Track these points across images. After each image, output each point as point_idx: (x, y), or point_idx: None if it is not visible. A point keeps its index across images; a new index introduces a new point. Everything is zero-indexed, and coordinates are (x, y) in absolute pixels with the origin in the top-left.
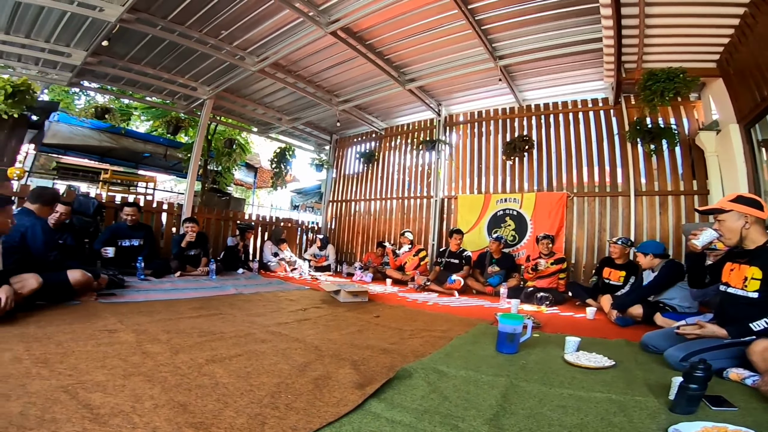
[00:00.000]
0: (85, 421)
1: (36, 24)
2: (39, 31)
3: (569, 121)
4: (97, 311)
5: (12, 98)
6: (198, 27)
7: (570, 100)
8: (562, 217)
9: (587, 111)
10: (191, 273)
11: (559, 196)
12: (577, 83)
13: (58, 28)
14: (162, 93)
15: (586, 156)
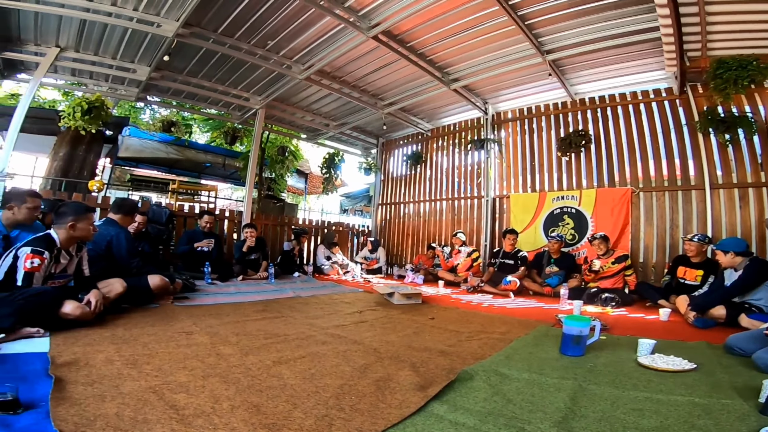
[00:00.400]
0: (173, 422)
1: (102, 41)
2: (105, 48)
3: (629, 113)
4: (174, 314)
5: (88, 114)
6: (246, 38)
7: (628, 91)
8: (626, 213)
9: (649, 102)
10: (252, 277)
11: (622, 191)
12: (634, 74)
13: (122, 44)
14: (218, 105)
15: (652, 149)
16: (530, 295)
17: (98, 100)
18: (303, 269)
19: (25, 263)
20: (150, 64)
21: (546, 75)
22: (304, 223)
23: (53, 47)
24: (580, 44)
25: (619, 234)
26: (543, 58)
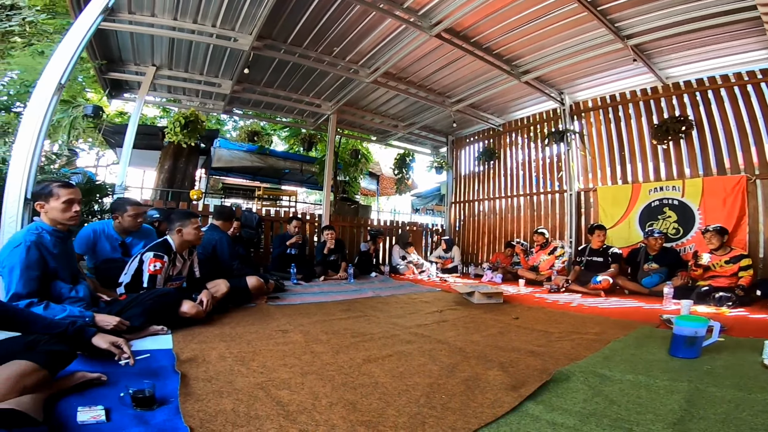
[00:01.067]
0: (280, 418)
1: (189, 58)
2: (193, 64)
3: (735, 95)
4: (269, 313)
5: (186, 129)
6: (314, 47)
7: (731, 72)
8: (742, 203)
9: (757, 82)
10: (333, 277)
11: (735, 179)
12: (736, 54)
13: (207, 60)
14: (293, 112)
15: (767, 132)
16: (625, 294)
17: (192, 114)
18: (379, 269)
19: (149, 266)
20: (232, 77)
21: (630, 61)
22: (379, 224)
23: (150, 66)
24: (666, 27)
25: (734, 227)
26: (624, 44)
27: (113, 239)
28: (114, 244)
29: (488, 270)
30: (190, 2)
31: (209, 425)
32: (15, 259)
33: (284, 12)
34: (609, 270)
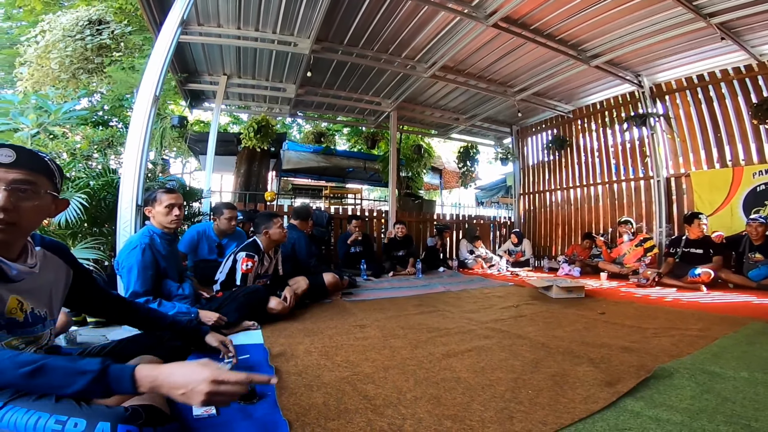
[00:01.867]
0: (368, 411)
1: (255, 65)
2: (259, 71)
3: None
4: (345, 308)
5: (259, 133)
6: (369, 46)
7: None
8: None
9: None
10: (401, 273)
11: None
12: None
13: (271, 66)
14: (354, 112)
15: None
16: (730, 288)
17: (263, 119)
18: (447, 264)
19: (242, 266)
20: (295, 81)
21: (717, 39)
22: (444, 218)
23: (222, 75)
24: (752, 3)
25: None
26: (706, 22)
27: (212, 240)
28: (212, 245)
29: (564, 263)
30: (251, 11)
31: (304, 418)
32: (132, 260)
33: (338, 14)
34: (709, 263)
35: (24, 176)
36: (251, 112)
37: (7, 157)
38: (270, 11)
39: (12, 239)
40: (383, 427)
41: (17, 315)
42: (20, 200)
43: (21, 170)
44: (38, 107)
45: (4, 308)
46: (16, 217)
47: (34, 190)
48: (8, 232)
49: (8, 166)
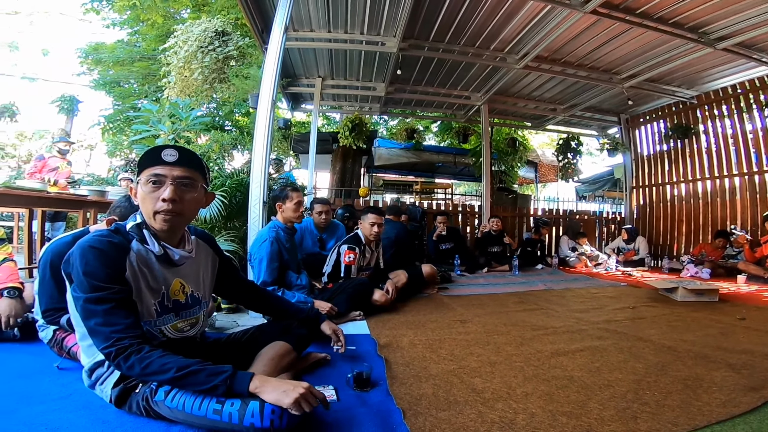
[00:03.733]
0: (478, 404)
1: (347, 67)
2: (351, 72)
3: None
4: (443, 303)
5: (354, 132)
6: (455, 41)
7: None
8: None
9: None
10: (496, 269)
11: None
12: None
13: (361, 67)
14: (443, 107)
15: None
16: None
17: (357, 118)
18: (546, 261)
19: (344, 258)
20: (384, 80)
21: None
22: (543, 213)
23: (317, 78)
24: None
25: None
26: None
27: (314, 235)
28: (314, 239)
29: (690, 264)
30: (339, 14)
31: (416, 408)
32: (263, 252)
33: (422, 11)
34: None
35: (185, 173)
36: (344, 112)
37: (171, 156)
38: (356, 13)
39: (177, 227)
40: (494, 419)
41: (180, 297)
42: (183, 193)
43: (183, 167)
44: (171, 115)
45: (168, 290)
46: (181, 207)
47: (192, 184)
48: (174, 221)
49: (173, 164)
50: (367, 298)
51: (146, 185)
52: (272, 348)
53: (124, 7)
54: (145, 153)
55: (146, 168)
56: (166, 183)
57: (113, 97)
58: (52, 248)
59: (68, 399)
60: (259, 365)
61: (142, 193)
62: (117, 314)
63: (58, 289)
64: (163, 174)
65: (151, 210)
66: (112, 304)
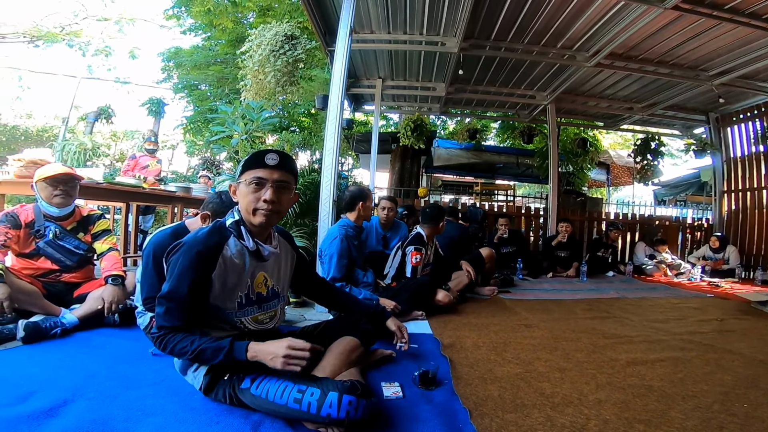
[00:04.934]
0: (546, 408)
1: (406, 67)
2: (410, 73)
3: None
4: (506, 306)
5: (415, 132)
6: (518, 39)
7: None
8: None
9: None
10: (561, 274)
11: None
12: None
13: (420, 67)
14: (505, 107)
15: None
16: None
17: (418, 119)
18: (618, 268)
19: (412, 259)
20: (444, 80)
21: None
22: (616, 217)
23: (377, 79)
24: None
25: None
26: None
27: (378, 233)
28: (378, 237)
29: None
30: (398, 15)
31: (482, 408)
32: (333, 248)
33: (482, 10)
34: None
35: (283, 176)
36: (403, 112)
37: (273, 160)
38: (416, 14)
39: (271, 224)
40: (564, 423)
41: (262, 290)
42: (281, 194)
43: (282, 171)
44: (243, 116)
45: (253, 283)
46: (279, 207)
47: (289, 186)
48: (272, 219)
49: (273, 168)
50: (430, 298)
51: (249, 186)
52: (342, 343)
53: (200, 13)
54: (250, 156)
55: (249, 170)
56: (267, 185)
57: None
58: (155, 240)
59: (161, 385)
60: (330, 358)
61: (244, 191)
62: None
63: (159, 279)
64: (264, 177)
65: (251, 208)
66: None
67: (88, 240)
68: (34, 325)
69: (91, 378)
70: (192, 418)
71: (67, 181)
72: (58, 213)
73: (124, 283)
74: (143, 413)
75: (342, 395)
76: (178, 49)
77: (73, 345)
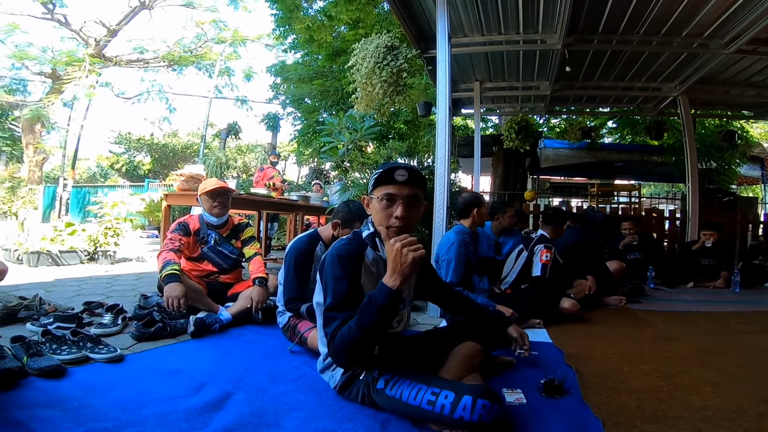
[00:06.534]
0: (696, 420)
1: (504, 68)
2: (509, 73)
3: None
4: (637, 317)
5: (521, 134)
6: (631, 30)
7: None
8: None
9: None
10: (705, 284)
11: None
12: None
13: (520, 67)
14: (622, 101)
15: None
16: None
17: (523, 120)
18: None
19: (542, 257)
20: (547, 78)
21: None
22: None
23: (475, 82)
24: None
25: None
26: None
27: (490, 239)
28: (490, 243)
29: None
30: (491, 17)
31: (616, 418)
32: (452, 254)
33: (584, 4)
34: None
35: (413, 191)
36: (504, 114)
37: (402, 176)
38: (509, 13)
39: None
40: None
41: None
42: (411, 209)
43: (411, 186)
44: (346, 127)
45: None
46: (409, 222)
47: (418, 200)
48: (404, 233)
49: (403, 184)
50: (550, 306)
51: (380, 202)
52: (464, 347)
53: (301, 29)
54: (380, 172)
55: (380, 186)
56: (398, 201)
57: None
58: (294, 246)
59: (300, 381)
60: (452, 363)
61: (376, 207)
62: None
63: (299, 282)
64: (395, 193)
65: (384, 224)
66: (342, 320)
67: (238, 245)
68: (201, 321)
69: (246, 372)
70: (328, 414)
71: (223, 193)
72: (216, 222)
73: (266, 284)
74: (288, 407)
75: (476, 399)
76: (283, 63)
77: (229, 340)
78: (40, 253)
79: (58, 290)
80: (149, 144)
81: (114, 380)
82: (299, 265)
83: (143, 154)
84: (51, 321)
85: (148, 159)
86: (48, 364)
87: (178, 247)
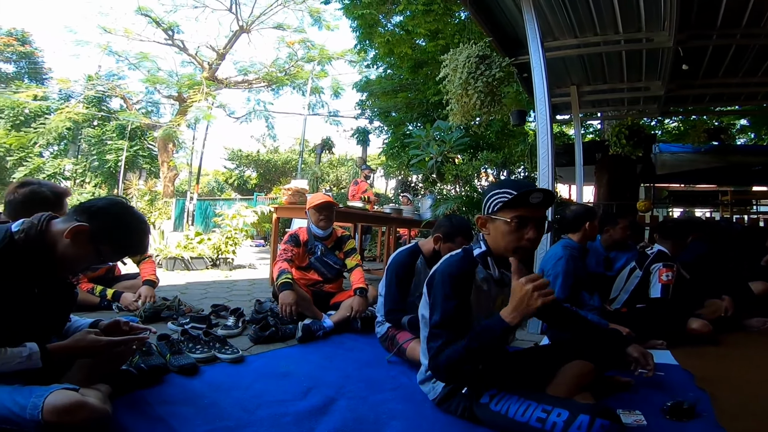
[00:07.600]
0: None
1: (604, 70)
2: (610, 75)
3: None
4: None
5: (631, 140)
6: (757, 22)
7: None
8: None
9: None
10: None
11: None
12: None
13: (623, 67)
14: (756, 98)
15: None
16: None
17: (635, 124)
18: None
19: (662, 276)
20: (659, 77)
21: None
22: None
23: (570, 86)
24: None
25: None
26: None
27: (599, 254)
28: (599, 258)
29: None
30: (583, 17)
31: None
32: (559, 268)
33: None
34: None
35: (543, 213)
36: (607, 118)
37: (536, 198)
38: (603, 13)
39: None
40: None
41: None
42: (540, 231)
43: (543, 208)
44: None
45: (494, 306)
46: (538, 243)
47: (546, 218)
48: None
49: (537, 206)
50: (675, 326)
51: (512, 224)
52: (576, 366)
53: (381, 44)
54: (512, 196)
55: (509, 208)
56: (530, 224)
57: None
58: (395, 259)
59: (397, 391)
60: (561, 381)
61: (502, 229)
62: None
63: (400, 294)
64: (528, 216)
65: (512, 246)
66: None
67: (341, 256)
68: (308, 327)
69: (347, 379)
70: (425, 426)
71: (328, 207)
72: (322, 234)
73: (367, 295)
74: (387, 416)
75: (595, 418)
76: (367, 78)
77: (331, 346)
78: (176, 258)
79: (190, 293)
80: (255, 159)
81: (235, 380)
82: (400, 278)
83: (251, 169)
84: (187, 321)
85: (254, 174)
86: (186, 362)
87: (291, 257)
